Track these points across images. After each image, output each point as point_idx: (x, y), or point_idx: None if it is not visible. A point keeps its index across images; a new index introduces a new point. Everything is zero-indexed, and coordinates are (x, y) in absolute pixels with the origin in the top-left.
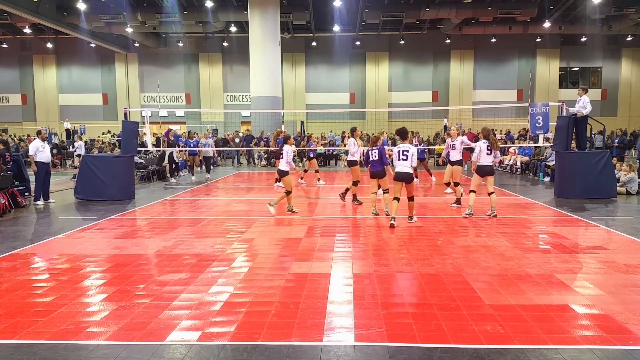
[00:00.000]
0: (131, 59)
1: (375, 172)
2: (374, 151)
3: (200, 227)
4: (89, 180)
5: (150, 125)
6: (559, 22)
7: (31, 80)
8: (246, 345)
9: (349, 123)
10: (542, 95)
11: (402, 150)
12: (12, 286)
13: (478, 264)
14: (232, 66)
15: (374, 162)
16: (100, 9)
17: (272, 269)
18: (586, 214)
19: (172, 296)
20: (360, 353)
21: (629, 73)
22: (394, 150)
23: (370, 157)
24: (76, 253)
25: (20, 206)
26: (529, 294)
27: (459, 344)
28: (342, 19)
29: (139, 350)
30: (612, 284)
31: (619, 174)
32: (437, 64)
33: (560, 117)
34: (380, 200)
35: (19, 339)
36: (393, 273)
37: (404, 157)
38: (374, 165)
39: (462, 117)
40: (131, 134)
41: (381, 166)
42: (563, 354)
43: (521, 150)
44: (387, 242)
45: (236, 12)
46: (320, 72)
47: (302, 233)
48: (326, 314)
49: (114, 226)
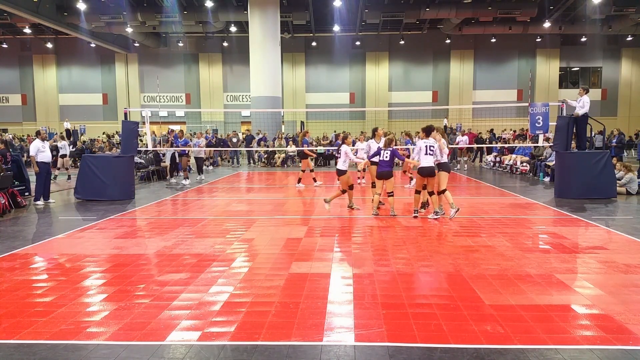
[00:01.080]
0: (131, 59)
1: (382, 172)
2: (386, 152)
3: (200, 227)
4: (89, 180)
5: (150, 125)
6: (559, 22)
7: (31, 80)
8: (246, 345)
9: (349, 123)
10: (542, 95)
11: (429, 145)
12: (12, 286)
13: (478, 264)
14: (232, 66)
15: (383, 163)
16: (100, 9)
17: (272, 269)
18: (586, 214)
19: (172, 296)
20: (360, 353)
21: (629, 73)
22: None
23: (381, 155)
24: (76, 253)
25: (20, 206)
26: (529, 294)
27: (459, 344)
28: (342, 19)
29: (139, 350)
30: (612, 284)
31: (619, 174)
32: (437, 64)
33: (560, 117)
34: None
35: (19, 339)
36: (393, 273)
37: (430, 152)
38: (383, 165)
39: (462, 117)
40: (131, 134)
41: (389, 167)
42: (563, 354)
43: (521, 150)
44: (387, 242)
45: (236, 12)
46: (320, 72)
47: (302, 233)
48: (326, 314)
49: (114, 226)
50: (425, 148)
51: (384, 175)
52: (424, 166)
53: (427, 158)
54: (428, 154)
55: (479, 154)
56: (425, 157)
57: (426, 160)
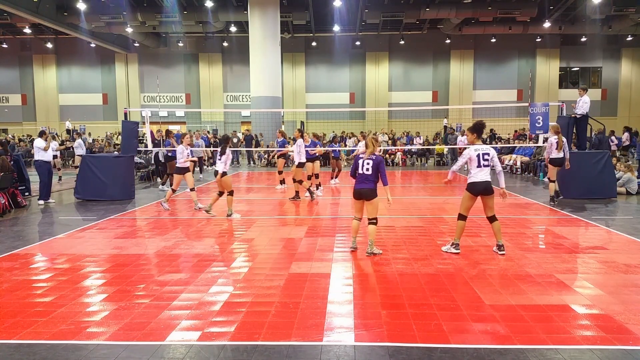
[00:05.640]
0: (131, 59)
1: (362, 190)
2: (367, 161)
3: (200, 227)
4: (89, 180)
5: (150, 125)
6: (559, 22)
7: (31, 80)
8: (246, 345)
9: (349, 123)
10: (542, 95)
11: (482, 153)
12: (12, 286)
13: (478, 264)
14: (232, 66)
15: (363, 177)
16: (100, 9)
17: (272, 269)
18: (586, 214)
19: (172, 296)
20: (360, 353)
21: (629, 73)
22: (469, 155)
23: (360, 168)
24: (76, 253)
25: (21, 206)
26: (529, 294)
27: (459, 344)
28: (342, 19)
29: (139, 350)
30: (612, 284)
31: (619, 174)
32: (437, 64)
33: (560, 117)
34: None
35: (19, 339)
36: (393, 273)
37: (484, 162)
38: (363, 180)
39: (462, 117)
40: (131, 134)
41: (373, 183)
42: (563, 354)
43: (521, 150)
44: (387, 242)
45: (236, 12)
46: (320, 72)
47: (302, 233)
48: (326, 314)
49: (114, 226)
50: (478, 158)
51: (365, 194)
52: (479, 180)
53: (482, 171)
54: (482, 166)
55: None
56: (479, 170)
57: (482, 174)
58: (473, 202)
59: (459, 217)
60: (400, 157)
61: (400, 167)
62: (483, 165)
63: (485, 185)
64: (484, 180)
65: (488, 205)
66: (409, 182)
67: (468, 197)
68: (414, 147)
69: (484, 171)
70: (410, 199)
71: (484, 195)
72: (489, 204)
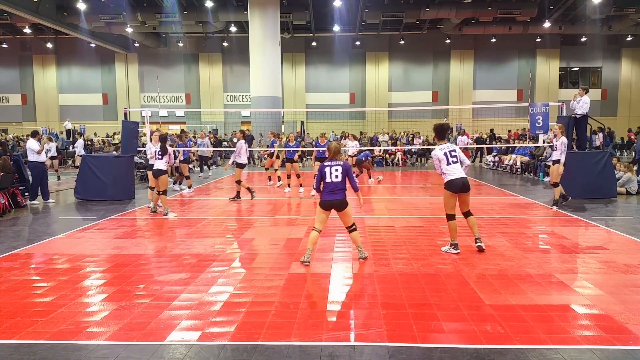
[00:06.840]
0: (131, 59)
1: (332, 201)
2: (336, 168)
3: (200, 227)
4: (89, 180)
5: (150, 125)
6: (559, 22)
7: (31, 80)
8: (246, 345)
9: (349, 123)
10: (542, 95)
11: (449, 151)
12: (12, 286)
13: (478, 264)
14: (232, 66)
15: (332, 186)
16: (100, 9)
17: (272, 269)
18: (586, 214)
19: (172, 296)
20: (360, 353)
21: (629, 73)
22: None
23: (328, 176)
24: (76, 253)
25: (21, 206)
26: (529, 294)
27: (459, 344)
28: (342, 19)
29: (139, 350)
30: (612, 284)
31: (619, 174)
32: (437, 64)
33: (560, 117)
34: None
35: (19, 339)
36: (393, 273)
37: (453, 159)
38: (333, 190)
39: (462, 117)
40: (131, 134)
41: (343, 192)
42: (563, 354)
43: (521, 150)
44: (387, 242)
45: (236, 12)
46: (320, 72)
47: (302, 233)
48: (326, 314)
49: (114, 226)
50: (445, 156)
51: (336, 205)
52: (456, 177)
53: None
54: (452, 162)
55: (479, 154)
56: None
57: (455, 170)
58: (455, 199)
59: (448, 217)
60: (400, 157)
61: (401, 167)
62: (452, 162)
63: (462, 181)
64: (460, 177)
65: (465, 202)
66: (409, 182)
67: (449, 195)
68: (414, 147)
69: (455, 167)
70: (410, 199)
71: (462, 192)
72: (466, 200)
